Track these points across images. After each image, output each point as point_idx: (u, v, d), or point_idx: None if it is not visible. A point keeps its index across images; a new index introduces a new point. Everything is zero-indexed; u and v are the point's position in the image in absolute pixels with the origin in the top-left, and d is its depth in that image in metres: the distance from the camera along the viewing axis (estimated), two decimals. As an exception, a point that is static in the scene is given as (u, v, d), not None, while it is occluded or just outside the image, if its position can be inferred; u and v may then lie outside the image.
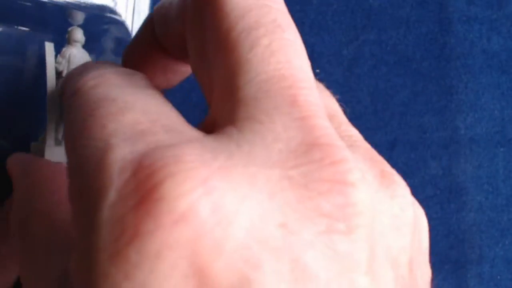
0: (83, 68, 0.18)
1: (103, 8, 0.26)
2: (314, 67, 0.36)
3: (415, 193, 0.36)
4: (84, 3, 0.26)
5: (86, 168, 0.14)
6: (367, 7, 0.33)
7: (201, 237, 0.12)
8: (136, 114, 0.15)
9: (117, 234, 0.12)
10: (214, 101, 0.16)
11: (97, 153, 0.14)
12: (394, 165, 0.36)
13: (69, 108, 0.16)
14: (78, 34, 0.26)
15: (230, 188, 0.12)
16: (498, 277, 0.33)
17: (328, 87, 0.33)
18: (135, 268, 0.12)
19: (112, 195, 0.12)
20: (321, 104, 0.15)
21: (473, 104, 0.33)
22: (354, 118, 0.33)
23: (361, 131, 0.35)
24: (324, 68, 0.33)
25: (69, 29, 0.25)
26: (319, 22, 0.33)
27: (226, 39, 0.15)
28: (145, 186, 0.12)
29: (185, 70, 0.22)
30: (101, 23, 0.27)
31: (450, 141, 0.33)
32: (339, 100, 0.29)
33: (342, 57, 0.33)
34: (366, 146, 0.18)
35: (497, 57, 0.33)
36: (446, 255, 0.33)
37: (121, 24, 0.27)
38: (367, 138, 0.35)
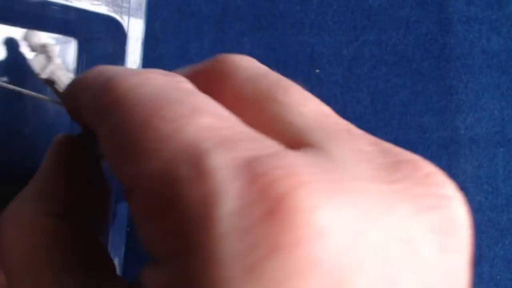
0: (107, 70, 0.16)
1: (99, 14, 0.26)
2: (314, 67, 0.36)
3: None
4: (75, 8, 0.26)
5: (172, 175, 0.12)
6: (367, 7, 0.33)
7: (342, 253, 0.11)
8: (211, 118, 0.13)
9: (249, 246, 0.11)
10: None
11: (186, 159, 0.12)
12: (394, 165, 0.36)
13: (110, 111, 0.14)
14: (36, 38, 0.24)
15: (352, 202, 0.12)
16: (498, 277, 0.33)
17: (328, 87, 0.33)
18: (276, 284, 0.11)
19: (228, 203, 0.11)
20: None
21: (473, 104, 0.33)
22: (354, 118, 0.33)
23: (361, 131, 0.35)
24: (324, 68, 0.33)
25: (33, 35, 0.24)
26: (319, 22, 0.33)
27: (256, 93, 0.16)
28: (271, 195, 0.11)
29: None
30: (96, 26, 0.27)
31: (450, 141, 0.33)
32: (338, 100, 0.29)
33: (342, 57, 0.33)
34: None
35: (497, 57, 0.33)
36: (446, 255, 0.33)
37: (117, 26, 0.27)
38: (367, 138, 0.35)
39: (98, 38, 0.28)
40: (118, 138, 0.14)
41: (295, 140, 0.14)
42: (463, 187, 0.35)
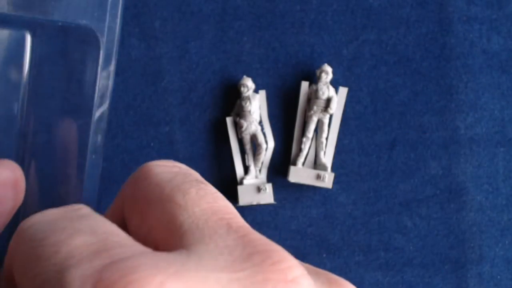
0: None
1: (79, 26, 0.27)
2: (314, 67, 0.36)
3: (415, 193, 0.36)
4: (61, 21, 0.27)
5: None
6: (367, 7, 0.33)
7: None
8: (87, 236, 0.16)
9: None
10: (161, 247, 0.18)
11: (56, 276, 0.15)
12: (394, 165, 0.36)
13: (13, 248, 0.18)
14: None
15: None
16: (498, 277, 0.33)
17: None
18: None
19: None
20: (248, 226, 0.18)
21: (473, 104, 0.33)
22: (354, 118, 0.33)
23: (361, 131, 0.35)
24: (324, 68, 0.33)
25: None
26: (319, 22, 0.33)
27: (161, 197, 0.18)
28: None
29: None
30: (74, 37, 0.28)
31: (450, 141, 0.33)
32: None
33: (342, 57, 0.33)
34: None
35: (497, 57, 0.33)
36: (446, 255, 0.33)
37: (92, 36, 0.27)
38: (367, 138, 0.36)
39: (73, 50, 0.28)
40: (16, 267, 0.17)
41: (179, 241, 0.17)
42: (463, 187, 0.36)
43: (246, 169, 0.33)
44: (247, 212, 0.33)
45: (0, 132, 0.28)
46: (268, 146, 0.33)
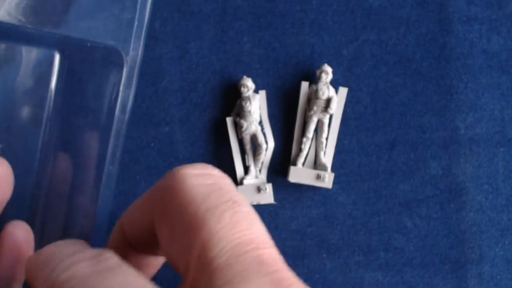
0: (50, 257, 0.20)
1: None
2: (314, 67, 0.36)
3: (415, 193, 0.36)
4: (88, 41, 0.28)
5: None
6: (367, 7, 0.33)
7: None
8: None
9: None
10: (192, 274, 0.19)
11: None
12: (394, 165, 0.36)
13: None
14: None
15: None
16: (498, 277, 0.33)
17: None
18: None
19: None
20: (281, 258, 0.19)
21: (473, 104, 0.33)
22: (354, 118, 0.33)
23: (361, 131, 0.35)
24: (324, 68, 0.33)
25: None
26: (319, 22, 0.33)
27: (195, 218, 0.18)
28: None
29: (156, 263, 0.25)
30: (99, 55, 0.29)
31: (450, 141, 0.33)
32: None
33: (342, 57, 0.33)
34: None
35: (497, 57, 0.33)
36: (446, 255, 0.33)
37: (117, 54, 0.28)
38: (367, 138, 0.36)
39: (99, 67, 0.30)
40: None
41: (209, 278, 0.17)
42: (463, 187, 0.36)
43: (246, 169, 0.33)
44: (247, 212, 0.33)
45: (25, 142, 0.29)
46: (268, 146, 0.33)
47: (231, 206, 0.19)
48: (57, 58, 0.29)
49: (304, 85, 0.33)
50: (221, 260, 0.17)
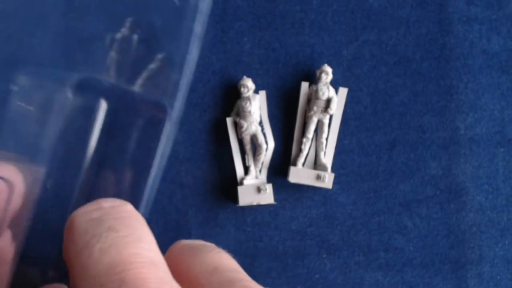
0: None
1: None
2: (314, 67, 0.36)
3: (415, 193, 0.36)
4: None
5: None
6: (367, 7, 0.33)
7: None
8: None
9: None
10: None
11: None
12: (394, 165, 0.36)
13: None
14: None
15: None
16: (498, 277, 0.33)
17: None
18: None
19: None
20: (146, 274, 0.19)
21: (473, 104, 0.33)
22: (354, 118, 0.33)
23: (361, 131, 0.35)
24: (324, 68, 0.33)
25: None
26: (319, 22, 0.33)
27: (72, 256, 0.20)
28: None
29: None
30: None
31: (450, 141, 0.33)
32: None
33: (342, 57, 0.33)
34: None
35: (497, 57, 0.33)
36: (446, 255, 0.33)
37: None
38: (367, 138, 0.36)
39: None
40: None
41: None
42: (463, 187, 0.36)
43: (246, 170, 0.33)
44: (247, 213, 0.33)
45: (63, 185, 0.30)
46: (268, 146, 0.33)
47: (107, 236, 0.20)
48: (103, 106, 0.30)
49: (304, 85, 0.33)
50: None
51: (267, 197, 0.32)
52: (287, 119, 0.33)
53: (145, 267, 0.19)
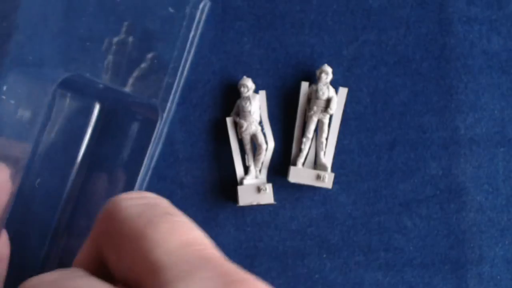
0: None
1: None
2: (314, 67, 0.36)
3: (415, 193, 0.36)
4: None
5: None
6: (367, 7, 0.33)
7: None
8: None
9: None
10: (142, 282, 0.19)
11: None
12: (394, 165, 0.36)
13: None
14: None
15: None
16: (498, 277, 0.33)
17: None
18: None
19: None
20: (220, 255, 0.19)
21: (473, 104, 0.33)
22: (354, 118, 0.33)
23: (361, 131, 0.35)
24: (324, 68, 0.33)
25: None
26: (319, 22, 0.33)
27: (134, 233, 0.19)
28: None
29: None
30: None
31: (450, 141, 0.33)
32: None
33: (342, 57, 0.33)
34: None
35: (497, 57, 0.33)
36: (446, 255, 0.33)
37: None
38: (367, 138, 0.36)
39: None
40: None
41: (157, 279, 0.18)
42: (463, 187, 0.36)
43: (246, 169, 0.33)
44: (247, 213, 0.33)
45: (57, 178, 0.31)
46: (268, 146, 0.33)
47: (167, 218, 0.20)
48: (96, 108, 0.31)
49: (304, 85, 0.33)
50: (165, 259, 0.18)
51: (267, 197, 0.32)
52: (287, 119, 0.33)
53: (213, 248, 0.20)
